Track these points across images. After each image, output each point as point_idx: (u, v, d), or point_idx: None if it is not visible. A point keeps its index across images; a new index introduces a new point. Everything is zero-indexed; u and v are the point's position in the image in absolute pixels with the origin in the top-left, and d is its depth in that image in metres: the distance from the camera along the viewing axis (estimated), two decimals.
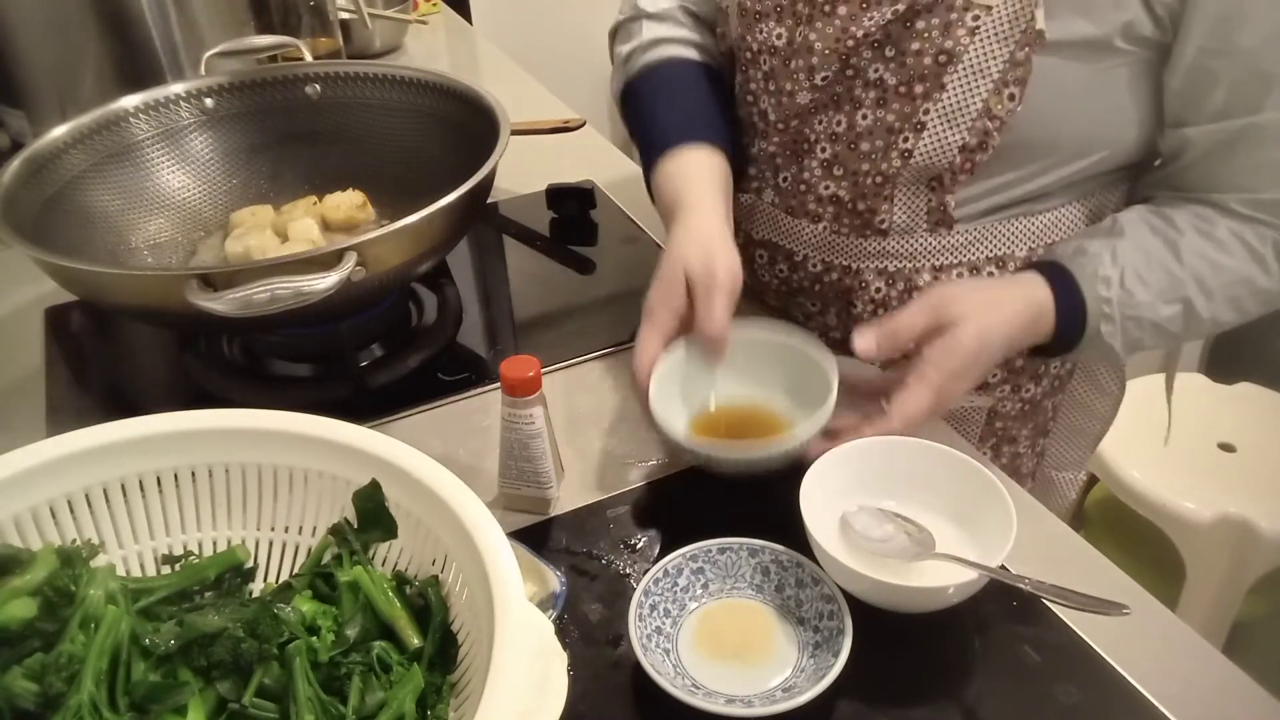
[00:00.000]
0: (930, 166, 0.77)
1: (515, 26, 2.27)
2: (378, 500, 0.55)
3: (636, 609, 0.63)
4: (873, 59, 0.76)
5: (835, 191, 0.83)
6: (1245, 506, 1.46)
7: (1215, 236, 0.76)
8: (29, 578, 0.51)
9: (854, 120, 0.79)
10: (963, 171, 0.77)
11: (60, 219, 0.90)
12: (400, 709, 0.49)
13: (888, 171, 0.79)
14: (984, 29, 0.72)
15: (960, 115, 0.75)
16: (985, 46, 0.72)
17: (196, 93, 1.02)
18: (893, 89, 0.76)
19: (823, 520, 0.67)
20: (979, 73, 0.73)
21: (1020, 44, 0.71)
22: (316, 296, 0.72)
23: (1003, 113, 0.74)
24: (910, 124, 0.76)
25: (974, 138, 0.75)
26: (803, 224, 0.86)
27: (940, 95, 0.74)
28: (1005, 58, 0.72)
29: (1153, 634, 0.65)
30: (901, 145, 0.77)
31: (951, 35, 0.72)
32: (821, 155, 0.82)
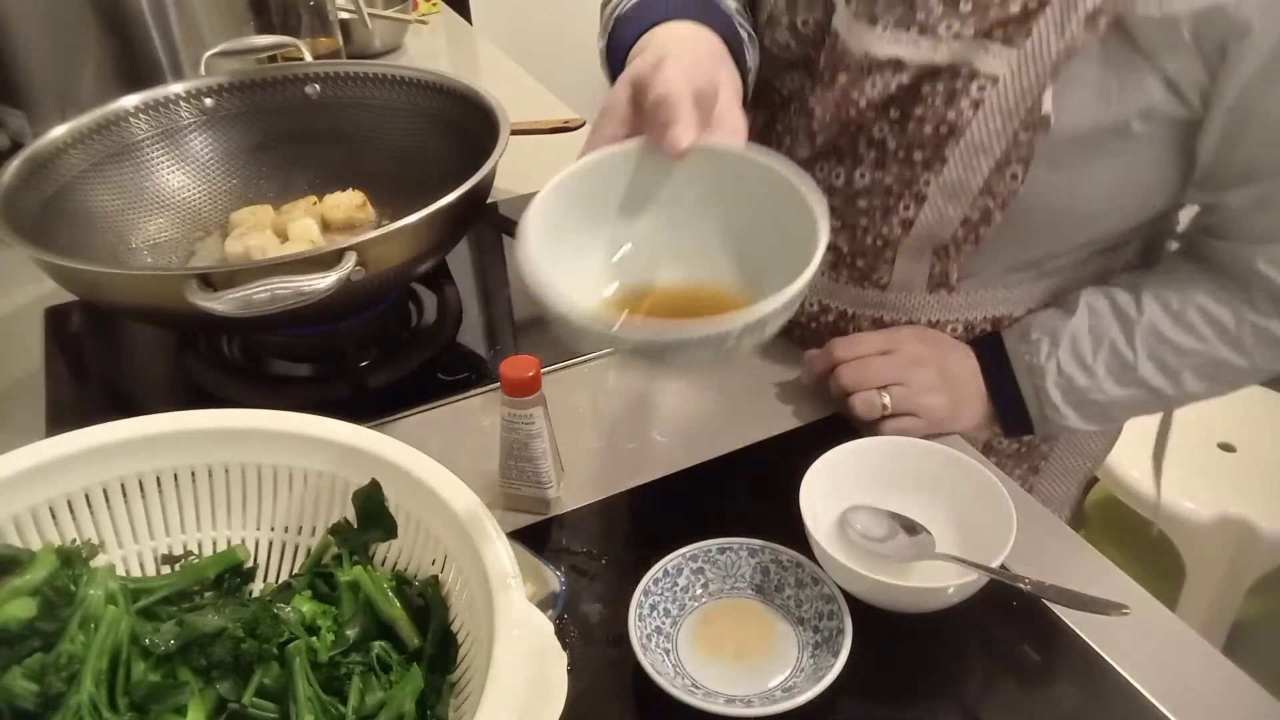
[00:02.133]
0: (932, 236, 0.76)
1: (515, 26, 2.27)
2: (378, 500, 0.55)
3: (636, 609, 0.63)
4: (875, 118, 0.74)
5: (834, 242, 0.82)
6: (1245, 506, 1.46)
7: (1185, 319, 0.75)
8: (29, 578, 0.51)
9: (852, 176, 0.78)
10: (966, 243, 0.76)
11: (60, 219, 0.90)
12: (400, 709, 0.49)
13: (889, 236, 0.78)
14: (988, 103, 0.69)
15: (961, 190, 0.73)
16: (989, 123, 0.69)
17: (196, 93, 1.02)
18: (892, 152, 0.74)
19: (823, 520, 0.67)
20: (981, 149, 0.70)
21: (1025, 124, 0.68)
22: (316, 296, 0.72)
23: (1005, 192, 0.72)
24: (910, 192, 0.75)
25: (976, 213, 0.73)
26: None
27: (941, 168, 0.72)
28: (1009, 136, 0.69)
29: (1153, 634, 0.65)
30: (903, 213, 0.76)
31: (955, 106, 0.70)
32: None
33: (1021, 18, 0.66)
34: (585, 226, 0.53)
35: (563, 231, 0.51)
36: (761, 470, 0.78)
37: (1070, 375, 0.77)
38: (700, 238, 0.54)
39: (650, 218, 0.55)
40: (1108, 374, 0.77)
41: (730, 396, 0.86)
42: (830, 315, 0.86)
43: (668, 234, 0.55)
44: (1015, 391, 0.80)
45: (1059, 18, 0.65)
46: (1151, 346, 0.76)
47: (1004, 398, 0.80)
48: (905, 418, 0.78)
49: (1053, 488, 0.97)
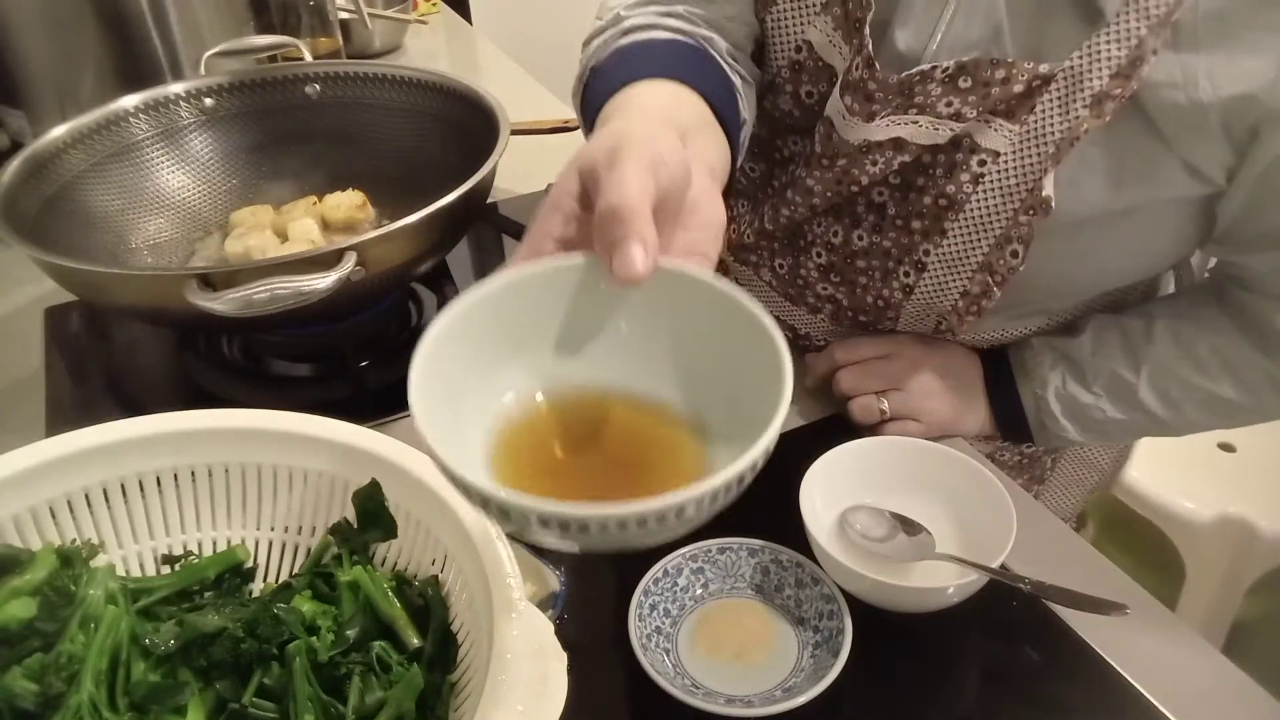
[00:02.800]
0: (933, 305, 0.75)
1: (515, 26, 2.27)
2: (378, 500, 0.55)
3: (636, 609, 0.63)
4: (876, 180, 0.73)
5: (834, 294, 0.81)
6: (1245, 506, 1.46)
7: (1195, 355, 0.75)
8: (29, 578, 0.51)
9: (850, 236, 0.77)
10: (969, 314, 0.74)
11: (60, 219, 0.90)
12: (400, 709, 0.49)
13: (890, 299, 0.77)
14: (989, 179, 0.67)
15: (961, 264, 0.71)
16: (988, 200, 0.67)
17: (196, 93, 1.02)
18: (891, 219, 0.73)
19: (823, 520, 0.67)
20: (981, 225, 0.69)
21: (1025, 206, 0.66)
22: (316, 296, 0.72)
23: (1004, 269, 0.70)
24: (910, 259, 0.74)
25: (976, 286, 0.72)
26: (801, 311, 0.85)
27: (940, 239, 0.71)
28: (1009, 215, 0.67)
29: (1153, 634, 0.65)
30: (903, 279, 0.75)
31: (954, 179, 0.68)
32: (818, 259, 0.80)
33: (1024, 95, 0.64)
34: (500, 356, 0.43)
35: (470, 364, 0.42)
36: (762, 470, 0.78)
37: (1072, 392, 0.77)
38: (644, 356, 0.44)
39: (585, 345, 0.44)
40: (1107, 395, 0.77)
41: None
42: None
43: (603, 357, 0.44)
44: (1015, 399, 0.80)
45: (1063, 97, 0.63)
46: (1155, 378, 0.76)
47: (1004, 404, 0.80)
48: (906, 421, 0.78)
49: (1057, 499, 0.97)
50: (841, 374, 0.80)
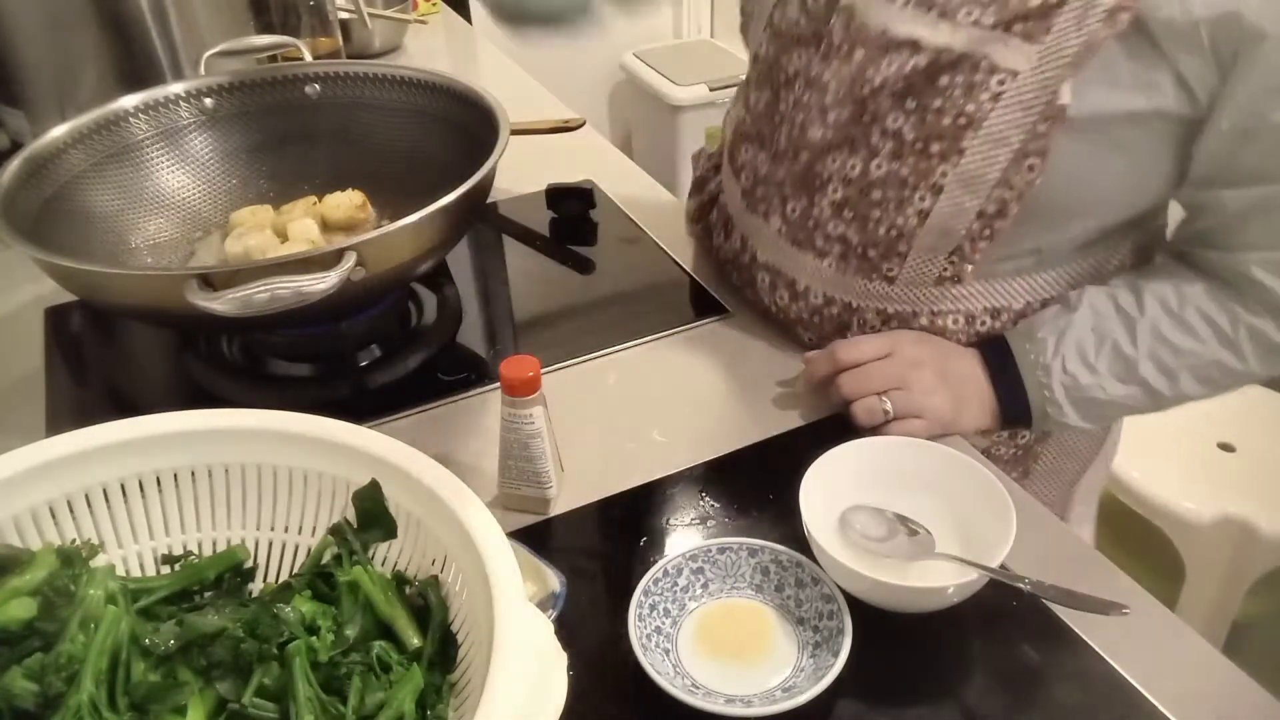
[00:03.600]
0: (948, 230, 0.76)
1: None
2: (378, 500, 0.55)
3: (636, 609, 0.63)
4: (891, 107, 0.74)
5: (845, 233, 0.82)
6: (1245, 506, 1.46)
7: (1184, 320, 0.77)
8: (29, 578, 0.51)
9: (868, 167, 0.78)
10: (981, 238, 0.76)
11: (60, 219, 0.90)
12: (400, 709, 0.49)
13: (904, 228, 0.78)
14: (1007, 96, 0.69)
15: (978, 182, 0.73)
16: (1007, 115, 0.70)
17: (196, 93, 1.02)
18: (909, 144, 0.75)
19: (823, 520, 0.67)
20: (999, 141, 0.71)
21: (1043, 116, 0.69)
22: (316, 296, 0.72)
23: (1021, 184, 0.72)
24: (927, 184, 0.75)
25: (992, 205, 0.74)
26: (808, 257, 0.85)
27: (959, 160, 0.73)
28: (1027, 129, 0.70)
29: (1153, 634, 0.65)
30: (919, 204, 0.76)
31: (974, 99, 0.70)
32: (833, 195, 0.81)
33: (1041, 13, 0.67)
34: None
35: None
36: (761, 470, 0.78)
37: (1074, 374, 0.78)
38: None
39: None
40: (1109, 372, 0.78)
41: (730, 396, 0.86)
42: (835, 308, 0.86)
43: None
44: (1020, 389, 0.80)
45: (1079, 14, 0.66)
46: (1152, 346, 0.77)
47: (1009, 395, 0.81)
48: (910, 420, 0.78)
49: (1042, 490, 0.97)
50: (842, 378, 0.80)
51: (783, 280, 0.89)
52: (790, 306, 0.89)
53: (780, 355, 0.90)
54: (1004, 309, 0.83)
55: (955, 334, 0.83)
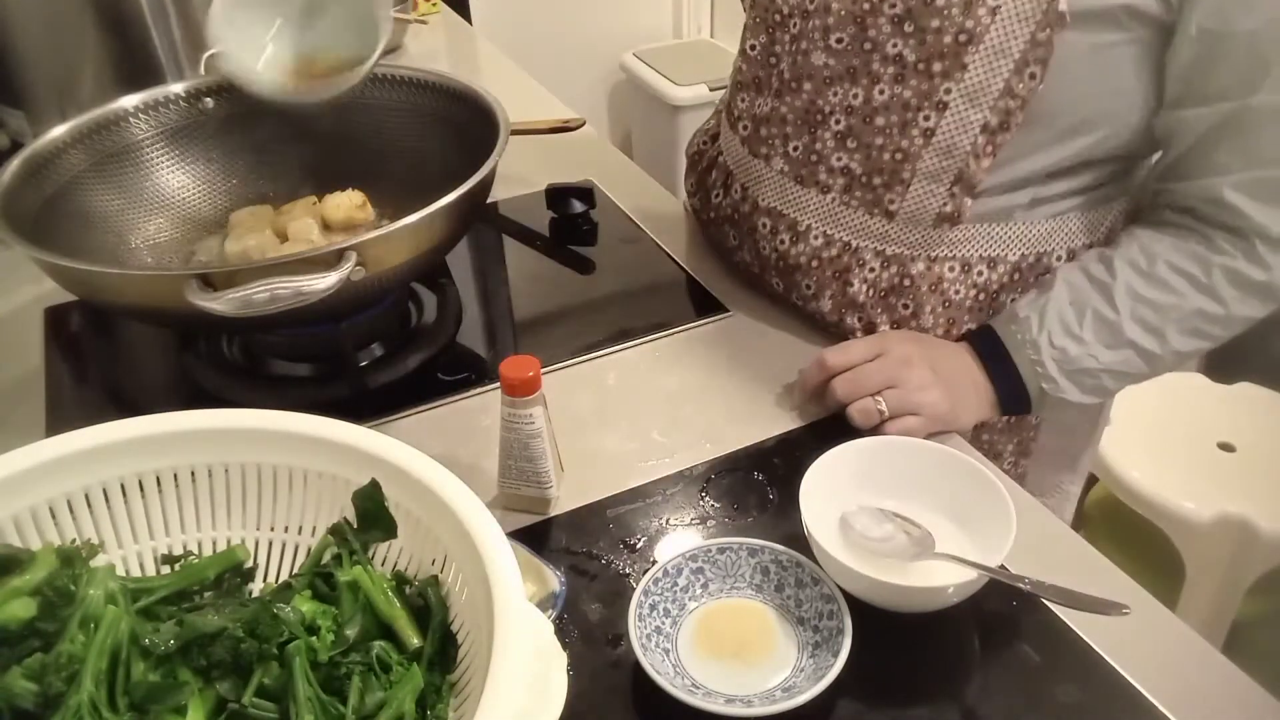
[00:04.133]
0: (952, 148, 0.77)
1: (515, 26, 2.27)
2: (377, 500, 0.55)
3: (636, 609, 0.63)
4: (891, 33, 0.76)
5: (848, 164, 0.83)
6: (1245, 506, 1.46)
7: (1156, 276, 0.79)
8: (29, 578, 0.51)
9: (870, 94, 0.79)
10: (985, 155, 0.77)
11: (60, 219, 0.90)
12: (400, 709, 0.49)
13: (908, 149, 0.79)
14: (1005, 9, 0.71)
15: (982, 95, 0.75)
16: (1007, 26, 0.72)
17: (196, 93, 1.02)
18: (911, 66, 0.76)
19: (823, 520, 0.67)
20: (1000, 53, 0.73)
21: (1041, 25, 0.71)
22: (316, 296, 0.72)
23: (1024, 92, 0.74)
24: (930, 102, 0.76)
25: (996, 117, 0.75)
26: (811, 194, 0.86)
27: (961, 75, 0.74)
28: (1026, 38, 0.72)
29: (1153, 634, 0.65)
30: (923, 124, 0.77)
31: (972, 14, 0.72)
32: (836, 127, 0.82)
33: None
34: None
35: None
36: (761, 470, 0.78)
37: (1063, 346, 0.80)
38: None
39: None
40: (1096, 339, 0.80)
41: (730, 397, 0.86)
42: (834, 248, 0.86)
43: None
44: (1013, 372, 0.82)
45: None
46: (1131, 306, 0.79)
47: (1003, 380, 0.82)
48: (906, 418, 0.79)
49: (1044, 473, 0.98)
50: (835, 383, 0.81)
51: (784, 223, 0.89)
52: (790, 250, 0.89)
53: (780, 355, 0.90)
54: (1000, 259, 0.84)
55: (952, 283, 0.84)
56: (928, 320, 0.86)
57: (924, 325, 0.86)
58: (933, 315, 0.86)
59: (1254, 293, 0.78)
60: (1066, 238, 0.84)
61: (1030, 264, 0.84)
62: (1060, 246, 0.84)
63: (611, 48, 2.60)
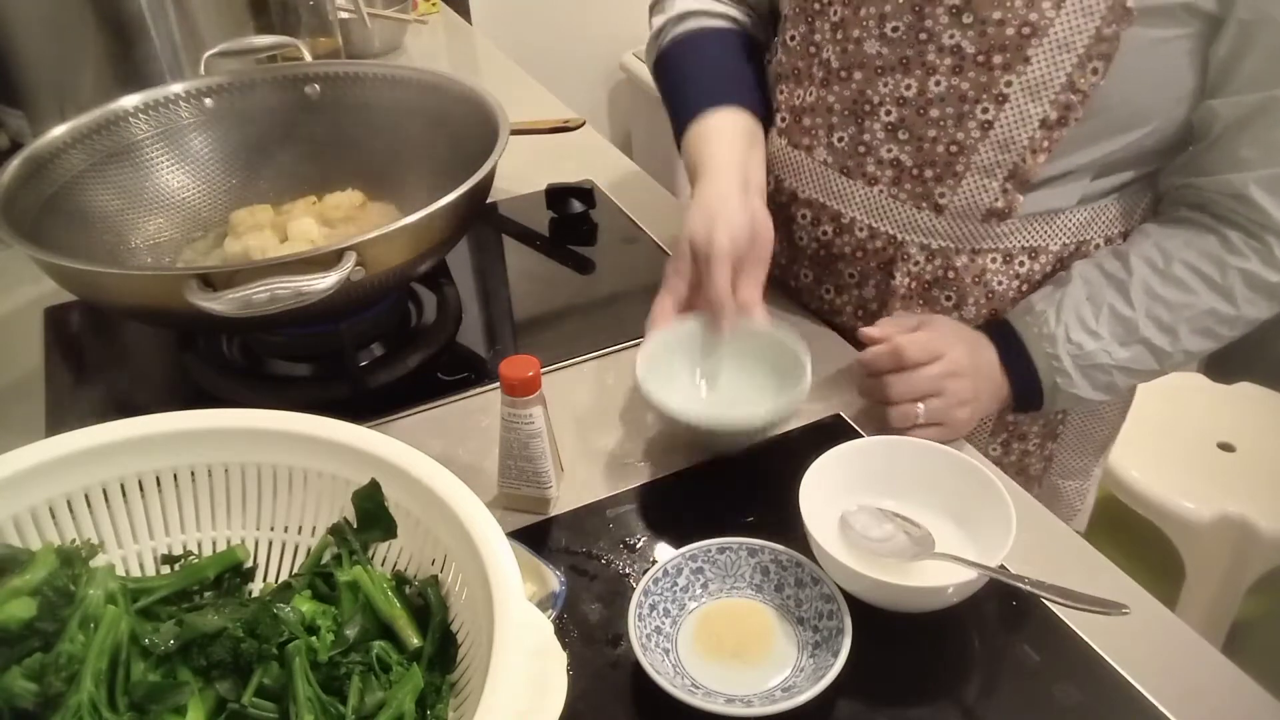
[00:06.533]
0: (1010, 141, 0.77)
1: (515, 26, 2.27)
2: (377, 500, 0.55)
3: (636, 609, 0.63)
4: (949, 24, 0.75)
5: (898, 155, 0.82)
6: (1245, 506, 1.46)
7: (1172, 275, 0.78)
8: (29, 578, 0.51)
9: (925, 85, 0.78)
10: (1042, 149, 0.77)
11: (60, 219, 0.90)
12: (400, 709, 0.49)
13: (964, 142, 0.78)
14: (1070, 2, 0.71)
15: (1044, 88, 0.74)
16: (1071, 20, 0.71)
17: (196, 93, 1.02)
18: (970, 57, 0.76)
19: (823, 520, 0.67)
20: (1064, 46, 0.72)
21: (1108, 19, 0.71)
22: (316, 296, 0.72)
23: (1086, 86, 0.73)
24: (990, 94, 0.76)
25: (1056, 111, 0.75)
26: (857, 185, 0.85)
27: (1024, 68, 0.74)
28: (1091, 32, 0.71)
29: (1153, 634, 0.65)
30: (980, 116, 0.77)
31: (1036, 7, 0.72)
32: (886, 118, 0.81)
33: None
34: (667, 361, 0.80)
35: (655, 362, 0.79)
36: (761, 470, 0.78)
37: (1079, 341, 0.79)
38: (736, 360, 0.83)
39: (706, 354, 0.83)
40: (1112, 336, 0.79)
41: None
42: (879, 241, 0.86)
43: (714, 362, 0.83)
44: (1029, 365, 0.81)
45: None
46: (1147, 304, 0.79)
47: (1018, 373, 0.82)
48: (932, 428, 0.78)
49: (1071, 457, 0.98)
50: (892, 380, 0.78)
51: (826, 214, 0.89)
52: (833, 242, 0.89)
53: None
54: (1042, 249, 0.83)
55: (995, 274, 0.84)
56: (970, 312, 0.86)
57: (965, 317, 0.86)
58: (975, 307, 0.86)
59: (1265, 294, 0.78)
60: (1105, 225, 0.83)
61: (1071, 253, 0.83)
62: (1099, 235, 0.83)
63: (611, 48, 2.60)
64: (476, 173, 0.83)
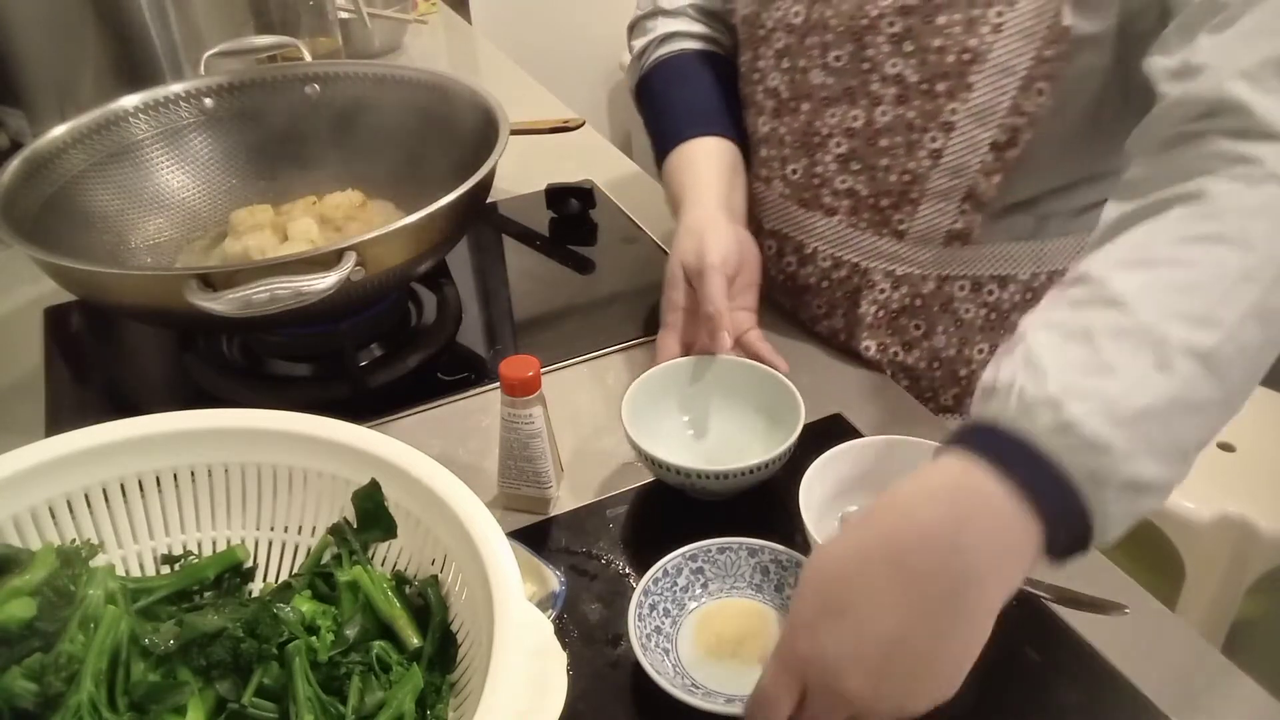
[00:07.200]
0: (961, 167, 0.76)
1: (515, 26, 2.27)
2: (377, 500, 0.55)
3: (636, 609, 0.63)
4: (890, 53, 0.75)
5: (853, 186, 0.82)
6: (1245, 506, 1.46)
7: (1159, 259, 0.55)
8: (29, 578, 0.51)
9: (872, 116, 0.78)
10: (994, 173, 0.76)
11: (60, 219, 0.90)
12: (400, 709, 0.49)
13: (916, 170, 0.78)
14: (1008, 26, 0.70)
15: (989, 114, 0.74)
16: (1011, 44, 0.71)
17: (196, 93, 1.02)
18: (914, 86, 0.75)
19: (823, 520, 0.67)
20: (1006, 71, 0.72)
21: (1047, 41, 0.70)
22: (316, 296, 0.72)
23: (1033, 108, 0.73)
24: (937, 123, 0.75)
25: (1004, 135, 0.74)
26: (816, 216, 0.85)
27: (968, 95, 0.73)
28: (1032, 55, 0.71)
29: (1153, 634, 0.65)
30: (930, 145, 0.77)
31: (975, 33, 0.71)
32: (837, 150, 0.81)
33: None
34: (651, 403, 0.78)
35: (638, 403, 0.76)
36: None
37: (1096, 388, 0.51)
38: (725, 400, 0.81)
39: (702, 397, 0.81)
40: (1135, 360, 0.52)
41: None
42: (843, 270, 0.86)
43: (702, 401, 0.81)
44: (1040, 466, 0.51)
45: None
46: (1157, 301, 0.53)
47: (1039, 492, 0.51)
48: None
49: None
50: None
51: (789, 245, 0.89)
52: (798, 273, 0.89)
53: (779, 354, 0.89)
54: (1011, 277, 0.82)
55: (962, 301, 0.83)
56: (940, 340, 0.85)
57: (936, 346, 0.85)
58: (945, 335, 0.85)
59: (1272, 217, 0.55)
60: (1075, 255, 0.82)
61: (1042, 283, 0.83)
62: (1069, 264, 0.82)
63: (611, 48, 2.60)
64: (476, 173, 0.83)
